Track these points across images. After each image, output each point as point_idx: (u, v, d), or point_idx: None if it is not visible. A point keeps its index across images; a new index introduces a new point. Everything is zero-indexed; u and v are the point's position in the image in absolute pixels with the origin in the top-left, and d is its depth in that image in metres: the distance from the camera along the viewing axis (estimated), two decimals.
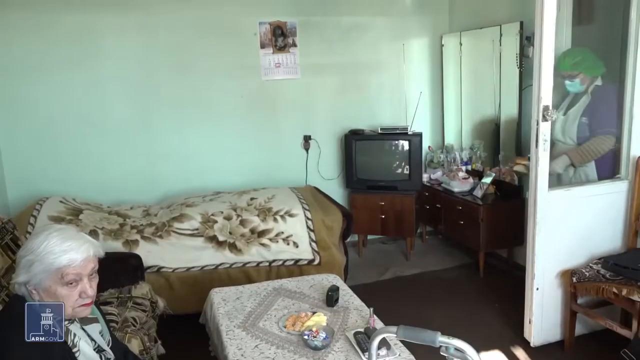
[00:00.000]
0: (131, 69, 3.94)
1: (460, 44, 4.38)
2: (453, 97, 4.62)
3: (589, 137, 3.02)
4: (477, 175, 4.16)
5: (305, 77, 4.36)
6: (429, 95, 4.71)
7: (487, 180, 3.91)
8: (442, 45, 4.62)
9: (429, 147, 4.70)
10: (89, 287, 1.45)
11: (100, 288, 1.57)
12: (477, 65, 4.33)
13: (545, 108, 2.59)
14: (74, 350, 1.43)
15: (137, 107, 4.01)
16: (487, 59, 4.13)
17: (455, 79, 4.55)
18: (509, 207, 3.85)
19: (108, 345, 1.61)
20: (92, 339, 1.54)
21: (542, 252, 2.79)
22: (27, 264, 1.39)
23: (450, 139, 4.69)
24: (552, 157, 2.96)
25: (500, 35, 3.90)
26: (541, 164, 2.67)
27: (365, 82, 4.55)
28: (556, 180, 3.12)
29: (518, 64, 3.73)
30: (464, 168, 4.27)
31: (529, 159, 3.10)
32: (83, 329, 1.52)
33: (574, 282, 2.76)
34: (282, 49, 4.27)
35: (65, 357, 1.40)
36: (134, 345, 2.19)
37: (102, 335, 1.59)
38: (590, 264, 2.81)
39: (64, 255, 1.39)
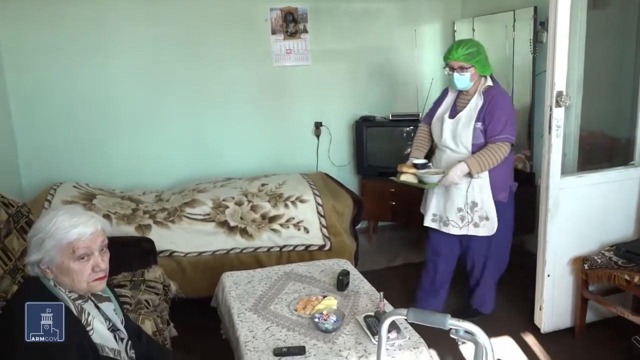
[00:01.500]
0: (143, 56, 3.95)
1: (473, 30, 4.33)
2: None
3: (485, 143, 2.73)
4: None
5: (316, 63, 4.35)
6: (441, 81, 4.67)
7: None
8: (454, 31, 4.58)
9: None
10: (101, 261, 1.47)
11: (114, 271, 1.60)
12: (490, 52, 4.24)
13: (559, 94, 2.56)
14: (88, 329, 1.45)
15: (149, 95, 4.03)
16: (500, 45, 4.08)
17: None
18: (521, 193, 3.78)
19: (122, 324, 1.64)
20: (106, 318, 1.57)
21: (554, 238, 2.78)
22: (38, 242, 1.41)
23: None
24: (445, 165, 2.81)
25: (514, 20, 3.85)
26: (554, 151, 2.65)
27: (376, 68, 4.52)
28: (439, 221, 2.91)
29: (531, 49, 3.68)
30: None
31: (415, 165, 2.86)
32: (97, 308, 1.55)
33: (585, 269, 2.75)
34: (293, 35, 4.26)
35: (80, 336, 1.42)
36: (148, 327, 2.22)
37: (115, 314, 1.62)
38: (602, 251, 2.80)
39: (73, 229, 1.41)
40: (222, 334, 2.47)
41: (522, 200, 3.77)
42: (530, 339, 2.88)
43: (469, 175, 2.71)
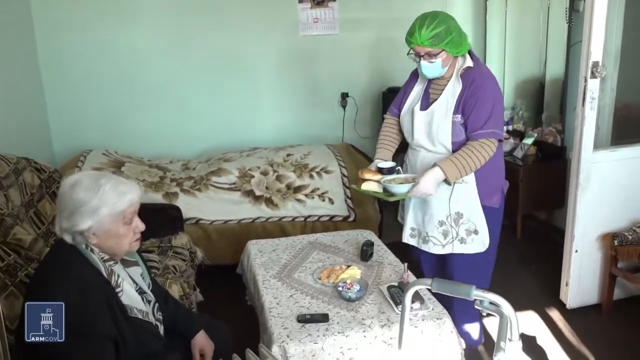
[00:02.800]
0: (170, 25, 3.96)
1: None
2: (496, 55, 4.45)
3: (465, 140, 2.17)
4: (518, 135, 4.05)
5: (344, 32, 4.28)
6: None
7: (529, 141, 3.80)
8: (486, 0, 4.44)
9: None
10: (140, 223, 1.56)
11: (143, 237, 1.64)
12: (523, 21, 4.15)
13: (595, 64, 2.48)
14: (118, 290, 1.50)
15: (176, 64, 4.05)
16: (534, 14, 3.95)
17: (499, 36, 4.37)
18: (550, 168, 3.75)
19: (149, 288, 1.68)
20: (134, 281, 1.61)
21: (584, 214, 2.72)
22: (92, 210, 1.44)
23: None
24: (420, 169, 2.27)
25: None
26: (587, 123, 2.58)
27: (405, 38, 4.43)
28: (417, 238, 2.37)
29: (567, 18, 3.55)
30: (505, 128, 4.16)
31: (380, 170, 2.31)
32: (125, 271, 1.59)
33: (615, 245, 2.70)
34: (320, 3, 4.19)
35: (109, 298, 1.46)
36: (175, 291, 2.28)
37: (142, 278, 1.66)
38: (634, 228, 2.73)
39: (125, 197, 1.49)
40: (246, 300, 2.51)
41: (552, 175, 3.73)
42: (555, 314, 2.86)
43: (446, 182, 2.16)
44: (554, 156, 3.74)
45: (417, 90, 2.34)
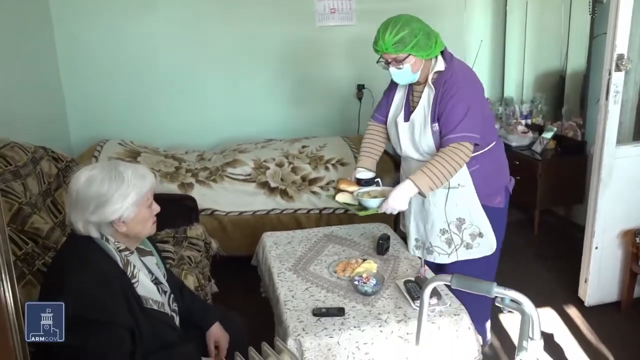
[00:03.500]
0: (185, 15, 3.93)
1: None
2: (516, 47, 4.38)
3: (438, 148, 2.08)
4: (537, 129, 3.99)
5: (361, 23, 4.22)
6: (490, 44, 4.49)
7: (548, 135, 3.74)
8: None
9: (487, 99, 4.51)
10: (156, 205, 1.59)
11: (158, 227, 1.65)
12: (544, 13, 4.07)
13: (620, 57, 2.41)
14: (133, 281, 1.49)
15: (191, 54, 4.03)
16: (555, 6, 3.87)
17: (519, 27, 4.30)
18: (570, 163, 3.69)
19: (164, 278, 1.68)
20: (149, 271, 1.61)
21: (605, 209, 2.67)
22: (121, 198, 1.45)
23: (509, 91, 4.49)
24: (392, 183, 2.21)
25: None
26: (610, 117, 2.52)
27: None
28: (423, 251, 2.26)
29: (590, 10, 3.46)
30: (523, 122, 4.10)
31: (358, 182, 2.26)
32: (141, 260, 1.59)
33: (636, 242, 2.65)
34: None
35: (125, 289, 1.46)
36: (190, 282, 2.28)
37: (158, 268, 1.66)
38: None
39: (146, 179, 1.51)
40: (261, 292, 2.51)
41: (571, 170, 3.66)
42: (573, 312, 2.82)
43: (421, 195, 2.04)
44: (574, 151, 3.68)
45: (399, 97, 2.26)
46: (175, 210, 2.86)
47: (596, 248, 2.73)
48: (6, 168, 2.18)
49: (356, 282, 2.00)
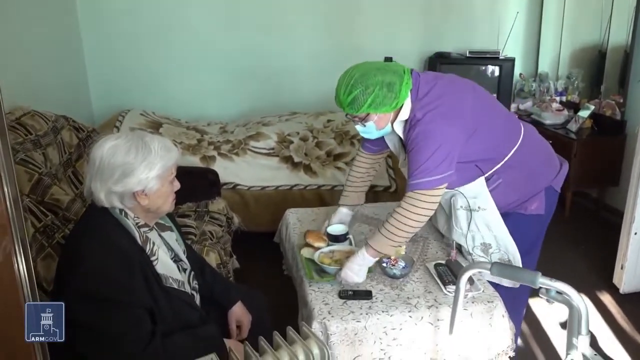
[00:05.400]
0: None
1: None
2: (553, 20, 4.17)
3: (470, 173, 1.84)
4: (572, 107, 3.82)
5: None
6: (525, 16, 4.28)
7: (585, 113, 3.57)
8: None
9: (521, 74, 4.33)
10: (177, 181, 1.52)
11: (179, 201, 1.58)
12: None
13: None
14: (153, 258, 1.44)
15: (215, 24, 3.94)
16: None
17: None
18: (607, 143, 3.52)
19: (184, 254, 1.61)
20: (169, 248, 1.55)
21: None
22: (148, 167, 1.38)
23: (544, 66, 4.30)
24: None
25: None
26: None
27: None
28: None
29: None
30: (557, 99, 3.92)
31: (328, 236, 2.06)
32: (160, 236, 1.52)
33: None
34: None
35: (144, 267, 1.40)
36: (212, 259, 2.22)
37: (177, 244, 1.60)
38: None
39: (171, 152, 1.45)
40: (284, 269, 2.44)
41: (608, 151, 3.50)
42: (606, 299, 2.71)
43: (385, 257, 1.85)
44: (612, 131, 3.51)
45: (395, 138, 1.94)
46: (197, 184, 2.80)
47: (635, 234, 2.60)
48: (26, 137, 2.12)
49: (384, 264, 1.91)
